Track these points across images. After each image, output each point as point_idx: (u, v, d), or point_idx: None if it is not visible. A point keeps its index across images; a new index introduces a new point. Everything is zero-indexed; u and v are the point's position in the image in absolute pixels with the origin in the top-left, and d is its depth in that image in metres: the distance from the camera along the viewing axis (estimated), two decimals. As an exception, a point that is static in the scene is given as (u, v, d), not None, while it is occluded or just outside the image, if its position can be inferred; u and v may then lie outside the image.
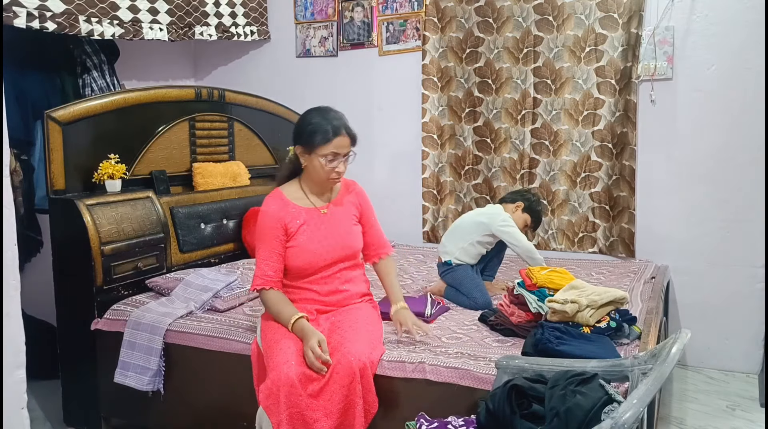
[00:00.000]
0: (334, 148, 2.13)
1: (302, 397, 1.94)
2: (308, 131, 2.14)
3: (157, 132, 3.11)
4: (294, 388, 1.93)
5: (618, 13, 3.38)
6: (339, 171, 2.17)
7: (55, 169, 2.66)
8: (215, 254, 3.20)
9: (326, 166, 2.14)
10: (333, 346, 2.03)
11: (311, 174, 2.21)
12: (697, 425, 2.72)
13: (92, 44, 3.29)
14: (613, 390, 1.62)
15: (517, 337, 2.26)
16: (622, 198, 3.47)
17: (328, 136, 2.12)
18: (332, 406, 1.95)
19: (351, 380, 1.96)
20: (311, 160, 2.16)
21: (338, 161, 2.15)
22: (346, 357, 1.97)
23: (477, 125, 3.78)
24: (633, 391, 1.51)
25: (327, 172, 2.16)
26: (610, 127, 3.48)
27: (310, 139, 2.13)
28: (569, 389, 1.61)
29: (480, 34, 3.70)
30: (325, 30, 4.11)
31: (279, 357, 2.00)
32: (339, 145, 2.14)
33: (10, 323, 1.46)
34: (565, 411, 1.53)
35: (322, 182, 2.22)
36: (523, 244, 2.79)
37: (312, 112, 2.21)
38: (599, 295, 2.15)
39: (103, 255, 2.59)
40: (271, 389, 1.95)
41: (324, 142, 2.12)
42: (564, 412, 1.53)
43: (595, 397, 1.57)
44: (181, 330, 2.46)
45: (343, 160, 2.17)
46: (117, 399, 2.57)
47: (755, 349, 3.21)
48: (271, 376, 1.98)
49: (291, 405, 1.93)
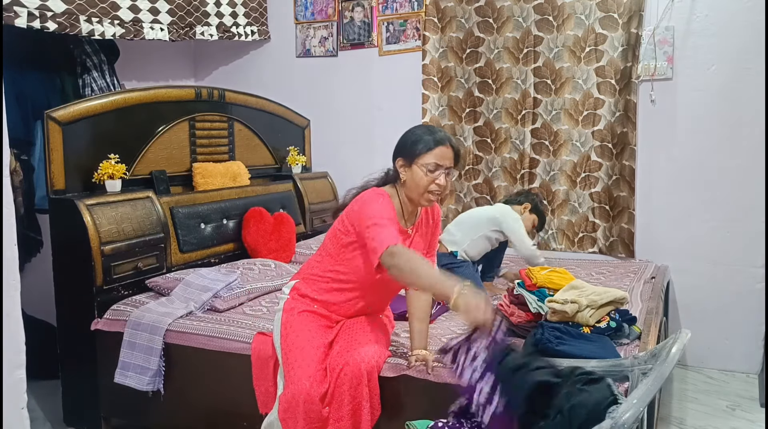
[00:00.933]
0: (436, 158, 2.01)
1: (321, 413, 1.93)
2: (411, 141, 2.06)
3: (157, 132, 3.11)
4: (314, 405, 1.91)
5: (618, 13, 3.38)
6: (439, 183, 2.03)
7: (55, 169, 2.66)
8: (215, 254, 3.20)
9: (426, 176, 2.01)
10: (343, 347, 2.03)
11: (409, 189, 2.07)
12: (697, 425, 2.72)
13: (92, 44, 3.29)
14: (620, 392, 1.62)
15: (517, 337, 2.26)
16: (622, 198, 3.47)
17: (430, 145, 2.02)
18: (342, 410, 1.94)
19: (359, 383, 1.95)
20: (412, 171, 2.04)
21: (440, 172, 2.02)
22: (355, 359, 1.97)
23: (477, 125, 3.78)
24: (633, 391, 1.50)
25: (426, 184, 2.01)
26: (610, 127, 3.48)
27: (412, 149, 2.03)
28: (576, 387, 1.61)
29: (480, 34, 3.70)
30: (325, 30, 4.12)
31: (302, 370, 1.94)
32: (442, 156, 2.02)
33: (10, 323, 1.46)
34: (569, 408, 1.53)
35: (419, 197, 2.04)
36: (527, 246, 2.84)
37: (416, 127, 2.15)
38: (599, 295, 2.15)
39: (103, 255, 2.59)
40: (290, 403, 1.92)
41: (426, 150, 2.01)
42: (567, 410, 1.53)
43: (600, 396, 1.57)
44: (181, 330, 2.46)
45: (444, 172, 2.04)
46: (117, 399, 2.57)
47: (755, 349, 3.21)
48: (291, 389, 1.93)
49: (309, 420, 1.92)
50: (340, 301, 2.11)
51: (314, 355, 1.99)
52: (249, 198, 3.41)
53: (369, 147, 4.01)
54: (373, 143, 4.01)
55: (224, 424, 2.38)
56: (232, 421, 2.33)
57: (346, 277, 2.09)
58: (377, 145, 4.03)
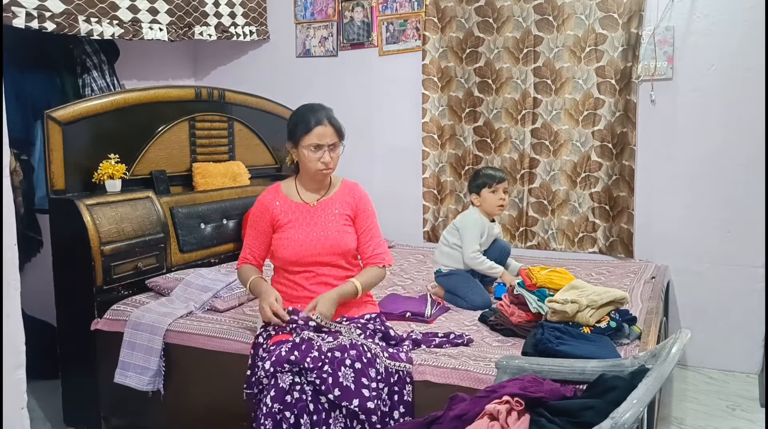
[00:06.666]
0: (316, 139, 2.18)
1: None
2: (293, 124, 2.24)
3: (157, 132, 3.11)
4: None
5: (618, 13, 3.38)
6: (324, 161, 2.19)
7: (55, 169, 2.66)
8: (215, 254, 3.20)
9: (311, 157, 2.19)
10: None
11: (304, 169, 2.26)
12: (697, 425, 2.72)
13: (92, 44, 3.29)
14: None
15: (517, 338, 2.26)
16: (622, 198, 3.47)
17: (309, 126, 2.18)
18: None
19: None
20: (299, 153, 2.23)
21: (323, 152, 2.19)
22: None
23: (477, 125, 3.78)
24: (633, 391, 1.50)
25: (314, 163, 2.20)
26: (610, 127, 3.48)
27: (294, 131, 2.22)
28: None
29: (480, 34, 3.70)
30: (325, 30, 4.11)
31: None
32: (321, 135, 2.18)
33: (10, 323, 1.46)
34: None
35: (312, 175, 2.25)
36: (466, 251, 2.71)
37: (299, 107, 2.29)
38: (599, 295, 2.15)
39: (103, 255, 2.59)
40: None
41: (306, 131, 2.18)
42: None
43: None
44: (181, 330, 2.46)
45: (328, 150, 2.20)
46: (117, 399, 2.57)
47: (755, 349, 3.21)
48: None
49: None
50: (292, 294, 2.27)
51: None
52: (249, 198, 3.41)
53: (369, 147, 4.01)
54: (373, 143, 4.01)
55: (224, 424, 2.37)
56: (232, 421, 2.33)
57: (284, 275, 2.31)
58: (377, 145, 4.03)
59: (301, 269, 2.23)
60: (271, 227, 2.28)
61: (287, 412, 1.87)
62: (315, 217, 2.26)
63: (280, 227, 2.26)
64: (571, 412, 1.57)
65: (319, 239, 2.23)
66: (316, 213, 2.27)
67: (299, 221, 2.25)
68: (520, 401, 1.60)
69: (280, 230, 2.26)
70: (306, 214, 2.26)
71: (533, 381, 1.70)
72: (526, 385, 1.66)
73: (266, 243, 2.30)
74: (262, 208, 2.29)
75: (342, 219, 2.29)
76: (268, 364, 1.92)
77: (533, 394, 1.62)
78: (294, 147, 2.24)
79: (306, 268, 2.23)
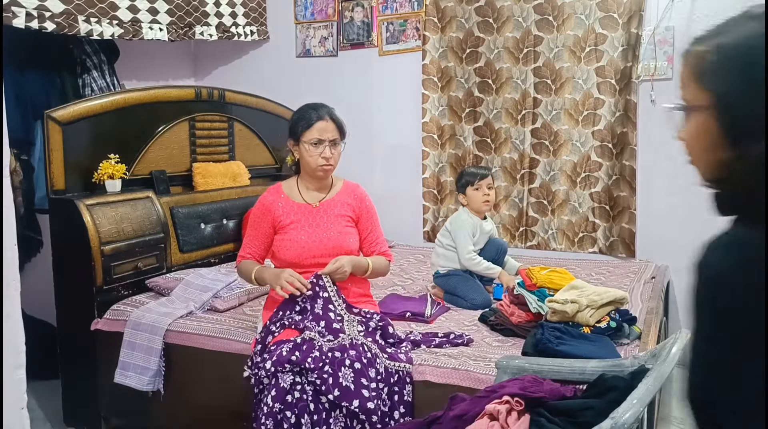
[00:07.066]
0: (317, 134, 2.20)
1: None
2: (294, 121, 2.26)
3: (157, 132, 3.11)
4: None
5: (618, 13, 3.38)
6: (325, 156, 2.20)
7: (55, 169, 2.66)
8: (215, 254, 3.20)
9: (312, 152, 2.20)
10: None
11: (305, 167, 2.27)
12: (697, 425, 2.72)
13: (92, 44, 3.29)
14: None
15: (517, 338, 2.26)
16: (622, 198, 3.47)
17: (311, 122, 2.20)
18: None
19: None
20: (300, 150, 2.24)
21: (323, 147, 2.20)
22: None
23: (477, 125, 3.78)
24: (633, 391, 1.50)
25: (314, 158, 2.20)
26: (610, 127, 3.48)
27: (295, 128, 2.23)
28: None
29: (480, 34, 3.70)
30: (325, 30, 4.11)
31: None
32: (322, 130, 2.20)
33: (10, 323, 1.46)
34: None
35: (313, 172, 2.25)
36: (461, 253, 2.72)
37: (301, 106, 2.32)
38: (599, 295, 2.15)
39: (103, 255, 2.59)
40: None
41: (307, 127, 2.20)
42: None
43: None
44: (181, 330, 2.46)
45: (329, 145, 2.21)
46: (117, 399, 2.57)
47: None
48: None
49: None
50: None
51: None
52: (249, 198, 3.41)
53: (369, 147, 4.01)
54: (373, 143, 4.01)
55: (224, 424, 2.37)
56: (232, 421, 2.33)
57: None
58: (377, 146, 4.03)
59: (303, 271, 2.23)
60: (273, 228, 2.28)
61: (288, 412, 1.87)
62: (317, 218, 2.27)
63: (282, 228, 2.26)
64: (571, 412, 1.57)
65: (322, 240, 2.23)
66: (318, 214, 2.27)
67: (302, 222, 2.25)
68: (520, 401, 1.60)
69: (283, 231, 2.26)
70: (308, 215, 2.27)
71: (533, 381, 1.69)
72: (526, 385, 1.66)
73: (266, 243, 2.30)
74: (264, 209, 2.29)
75: (344, 220, 2.29)
76: (269, 363, 1.93)
77: (533, 394, 1.62)
78: (295, 144, 2.25)
79: (308, 269, 2.22)
